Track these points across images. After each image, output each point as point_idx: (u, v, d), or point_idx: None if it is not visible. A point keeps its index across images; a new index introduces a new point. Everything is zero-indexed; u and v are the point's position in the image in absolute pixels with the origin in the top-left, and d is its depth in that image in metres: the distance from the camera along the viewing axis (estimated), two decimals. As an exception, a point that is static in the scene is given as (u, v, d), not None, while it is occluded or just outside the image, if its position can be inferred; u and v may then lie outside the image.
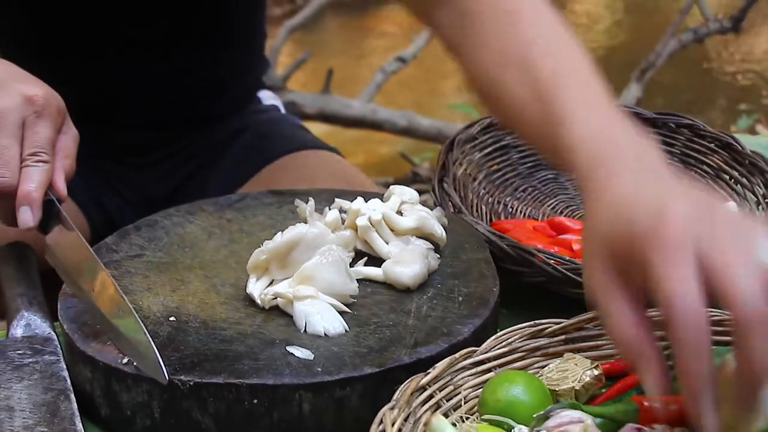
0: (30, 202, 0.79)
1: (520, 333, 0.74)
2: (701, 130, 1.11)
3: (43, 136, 0.80)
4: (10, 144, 0.79)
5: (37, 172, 0.79)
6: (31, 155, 0.80)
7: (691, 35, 3.45)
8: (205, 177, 1.23)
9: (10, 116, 0.79)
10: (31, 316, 0.81)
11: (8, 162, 0.78)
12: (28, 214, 0.79)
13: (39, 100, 0.81)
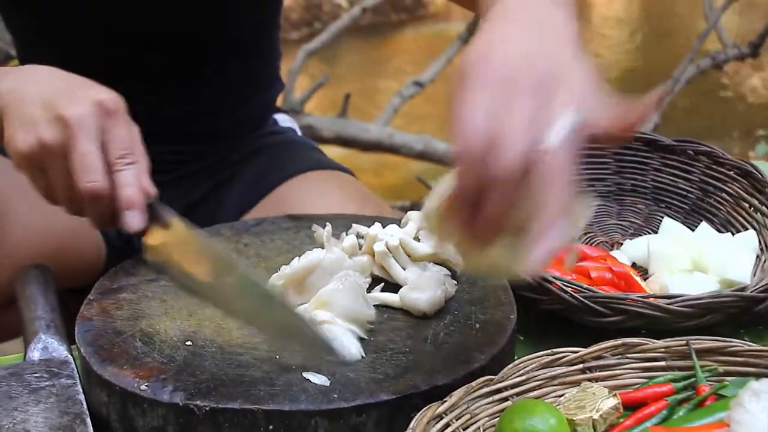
0: (133, 205, 0.80)
1: (537, 361, 0.74)
2: (720, 157, 1.11)
3: (125, 138, 0.81)
4: (93, 149, 0.79)
5: (131, 175, 0.80)
6: (120, 158, 0.80)
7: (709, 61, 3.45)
8: (220, 196, 1.24)
9: (87, 122, 0.79)
10: (48, 339, 0.81)
11: (95, 167, 0.79)
12: (135, 219, 0.80)
13: (110, 103, 0.81)
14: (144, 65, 1.16)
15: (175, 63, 1.17)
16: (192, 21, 1.14)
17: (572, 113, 0.62)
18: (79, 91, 0.82)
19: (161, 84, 1.18)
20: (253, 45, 1.24)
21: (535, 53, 0.65)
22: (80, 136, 0.79)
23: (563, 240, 0.61)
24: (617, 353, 0.77)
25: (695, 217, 1.11)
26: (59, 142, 0.79)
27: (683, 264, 0.98)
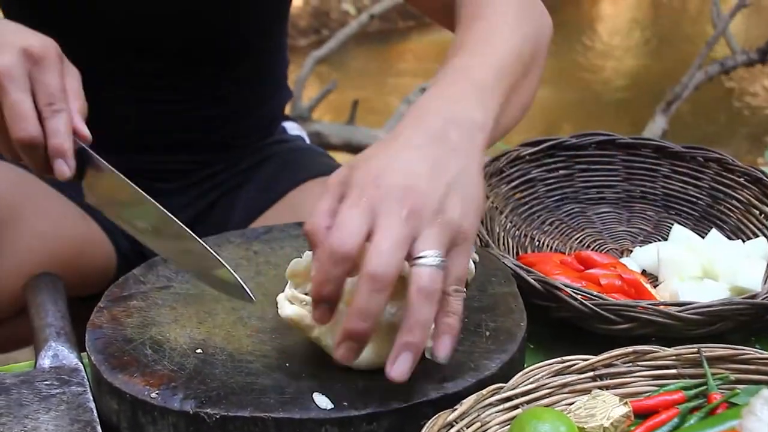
0: (62, 154, 0.81)
1: (547, 369, 0.74)
2: (730, 164, 1.11)
3: (53, 85, 0.82)
4: (23, 98, 0.80)
5: (59, 122, 0.81)
6: (47, 105, 0.81)
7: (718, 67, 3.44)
8: (230, 203, 1.24)
9: (13, 71, 0.80)
10: (58, 346, 0.82)
11: (25, 115, 0.80)
12: (64, 166, 0.81)
13: (36, 49, 0.82)
14: (151, 73, 1.16)
15: (183, 71, 1.17)
16: (199, 29, 1.15)
17: (437, 255, 0.66)
18: (8, 38, 0.82)
19: (168, 93, 1.18)
20: (261, 53, 1.24)
21: (422, 183, 0.68)
22: (8, 86, 0.80)
23: (413, 360, 0.66)
24: (628, 361, 0.77)
25: (705, 224, 1.10)
26: None
27: (693, 271, 0.98)
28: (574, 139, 1.15)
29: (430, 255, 0.66)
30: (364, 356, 0.71)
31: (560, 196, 1.14)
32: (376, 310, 0.65)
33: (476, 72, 0.78)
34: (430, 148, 0.71)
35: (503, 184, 1.10)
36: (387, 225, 0.66)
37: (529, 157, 1.12)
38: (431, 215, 0.67)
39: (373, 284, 0.65)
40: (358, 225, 0.66)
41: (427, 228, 0.67)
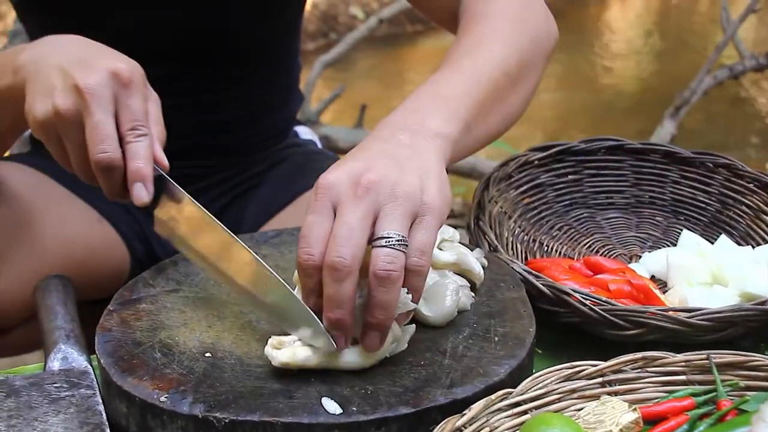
0: (142, 179, 0.80)
1: (556, 375, 0.74)
2: (739, 170, 1.10)
3: (138, 109, 0.82)
4: (106, 119, 0.79)
5: (141, 147, 0.81)
6: (131, 130, 0.81)
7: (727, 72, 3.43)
8: (243, 205, 1.25)
9: (99, 92, 0.80)
10: (68, 349, 0.82)
11: (107, 137, 0.79)
12: (143, 191, 0.81)
13: (125, 72, 0.82)
14: (165, 79, 1.16)
15: (196, 77, 1.18)
16: (212, 36, 1.15)
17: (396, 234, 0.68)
18: (97, 60, 0.82)
19: (182, 99, 1.18)
20: (274, 59, 1.25)
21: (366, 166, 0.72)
22: (93, 106, 0.79)
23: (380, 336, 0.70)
24: (637, 367, 0.77)
25: (714, 229, 1.10)
26: (73, 111, 0.80)
27: (703, 277, 0.98)
28: (583, 144, 1.15)
29: (388, 235, 0.68)
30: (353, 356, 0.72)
31: (569, 201, 1.14)
32: (343, 297, 0.68)
33: (447, 86, 0.82)
34: (378, 146, 0.75)
35: (512, 189, 1.09)
36: (343, 211, 0.69)
37: (538, 162, 1.12)
38: (389, 187, 0.70)
39: (333, 274, 0.67)
40: (318, 228, 0.69)
41: (387, 203, 0.69)
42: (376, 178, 0.70)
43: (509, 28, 0.91)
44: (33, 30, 1.21)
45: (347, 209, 0.69)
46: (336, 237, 0.68)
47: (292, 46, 1.27)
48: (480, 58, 0.86)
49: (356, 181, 0.70)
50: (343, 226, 0.68)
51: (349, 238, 0.67)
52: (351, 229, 0.68)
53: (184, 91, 1.18)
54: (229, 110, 1.22)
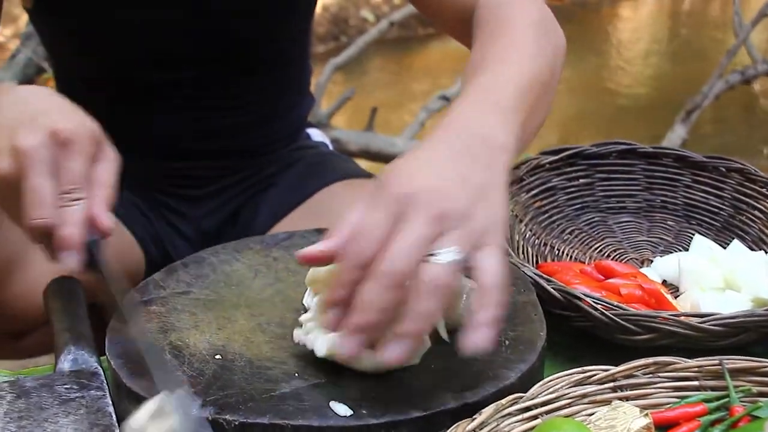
0: (70, 246, 0.76)
1: (567, 379, 0.73)
2: (752, 174, 1.10)
3: (75, 171, 0.77)
4: (42, 183, 0.75)
5: (73, 212, 0.76)
6: (65, 194, 0.76)
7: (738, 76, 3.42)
8: (256, 206, 1.25)
9: (36, 154, 0.75)
10: (78, 350, 0.82)
11: (42, 202, 0.75)
12: (71, 258, 0.76)
13: (66, 133, 0.76)
14: (177, 82, 1.17)
15: (209, 80, 1.18)
16: (226, 37, 1.15)
17: (456, 251, 0.66)
18: (44, 119, 0.77)
19: (195, 101, 1.19)
20: (286, 62, 1.25)
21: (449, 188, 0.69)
22: (30, 169, 0.75)
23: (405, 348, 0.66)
24: (649, 372, 0.76)
25: (727, 234, 1.10)
26: (12, 173, 0.76)
27: (715, 282, 0.97)
28: (594, 147, 1.14)
29: (443, 252, 0.66)
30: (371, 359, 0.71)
31: (580, 204, 1.14)
32: (380, 305, 0.65)
33: (499, 93, 0.80)
34: (457, 162, 0.72)
35: (523, 192, 1.09)
36: (409, 226, 0.67)
37: (549, 166, 1.12)
38: (458, 220, 0.68)
39: (380, 280, 0.65)
40: (379, 230, 0.67)
41: (454, 230, 0.67)
42: (450, 208, 0.68)
43: (536, 34, 0.90)
44: (42, 30, 1.22)
45: (416, 228, 0.67)
46: (395, 246, 0.66)
47: (302, 49, 1.28)
48: (519, 66, 0.84)
49: (432, 204, 0.68)
50: (406, 240, 0.66)
51: (407, 253, 0.66)
52: (413, 245, 0.66)
53: (195, 94, 1.18)
54: (241, 113, 1.22)
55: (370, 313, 0.66)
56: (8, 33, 4.91)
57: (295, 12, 1.21)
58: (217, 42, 1.15)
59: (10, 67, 3.28)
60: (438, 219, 0.67)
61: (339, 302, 0.68)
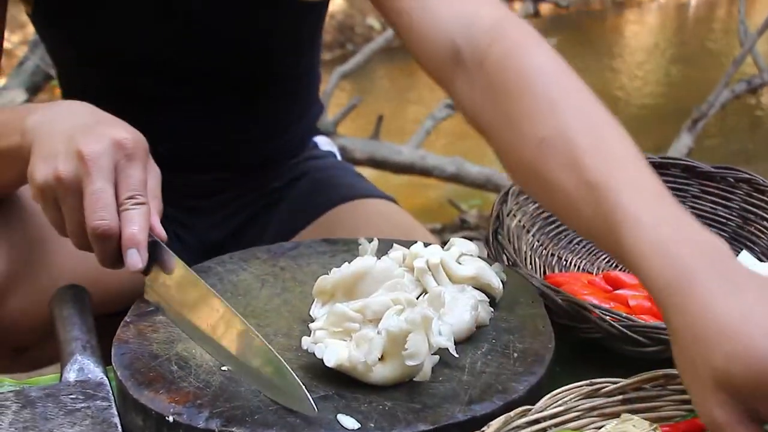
0: (136, 245, 0.80)
1: (576, 392, 0.73)
2: (761, 184, 1.09)
3: (138, 179, 0.82)
4: (106, 187, 0.80)
5: (137, 215, 0.81)
6: (129, 198, 0.81)
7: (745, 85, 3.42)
8: (263, 222, 1.24)
9: (102, 160, 0.80)
10: (84, 360, 0.81)
11: (106, 205, 0.79)
12: (136, 257, 0.80)
13: (128, 143, 0.82)
14: (182, 93, 1.16)
15: (217, 92, 1.18)
16: (235, 51, 1.15)
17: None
18: (102, 128, 0.82)
19: (203, 113, 1.19)
20: (295, 73, 1.24)
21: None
22: (94, 174, 0.79)
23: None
24: (658, 384, 0.75)
25: (735, 245, 1.09)
26: (73, 177, 0.80)
27: (724, 293, 0.96)
28: (602, 158, 1.14)
29: None
30: (381, 372, 0.71)
31: (588, 215, 1.13)
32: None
33: (653, 184, 0.70)
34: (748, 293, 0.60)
35: (530, 202, 1.09)
36: None
37: (556, 176, 1.11)
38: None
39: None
40: None
41: None
42: None
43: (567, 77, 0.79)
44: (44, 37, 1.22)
45: None
46: None
47: (312, 60, 1.27)
48: (616, 137, 0.74)
49: None
50: None
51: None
52: None
53: (201, 106, 1.18)
54: (251, 125, 1.22)
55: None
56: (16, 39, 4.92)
57: (303, 24, 1.21)
58: (224, 54, 1.15)
59: (18, 74, 3.29)
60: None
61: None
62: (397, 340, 0.71)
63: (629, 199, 0.67)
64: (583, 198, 0.71)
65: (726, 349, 0.57)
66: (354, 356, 0.71)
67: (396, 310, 0.73)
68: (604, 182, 0.69)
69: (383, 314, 0.74)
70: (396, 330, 0.70)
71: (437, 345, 0.73)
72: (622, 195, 0.68)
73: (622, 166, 0.71)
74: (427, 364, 0.72)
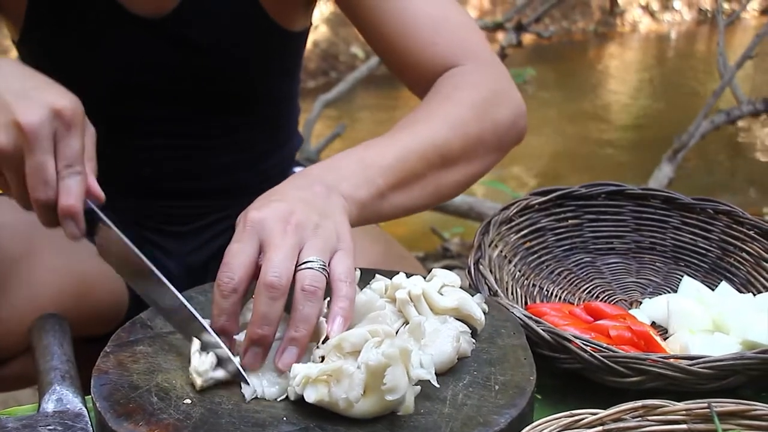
0: (73, 215, 0.82)
1: (556, 423, 0.73)
2: (740, 216, 1.10)
3: (75, 149, 0.82)
4: (46, 159, 0.81)
5: (74, 184, 0.82)
6: (67, 167, 0.82)
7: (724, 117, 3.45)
8: None
9: (41, 131, 0.80)
10: (63, 390, 0.81)
11: (48, 179, 0.81)
12: (74, 228, 0.83)
13: (67, 111, 0.82)
14: (166, 120, 1.17)
15: (197, 119, 1.18)
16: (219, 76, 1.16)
17: (318, 259, 0.78)
18: (38, 94, 0.82)
19: (183, 139, 1.19)
20: (275, 101, 1.25)
21: (296, 207, 0.80)
22: (34, 146, 0.80)
23: (298, 354, 0.76)
24: (637, 415, 0.76)
25: (715, 276, 1.10)
26: (13, 149, 0.81)
27: (704, 324, 0.97)
28: (583, 188, 1.15)
29: (312, 260, 0.77)
30: (362, 407, 0.71)
31: (569, 245, 1.14)
32: (274, 316, 0.75)
33: (374, 153, 0.91)
34: (300, 192, 0.84)
35: (512, 233, 1.09)
36: (275, 242, 0.77)
37: (538, 206, 1.12)
38: (312, 228, 0.79)
39: (269, 292, 0.75)
40: (244, 255, 0.77)
41: (310, 239, 0.78)
42: (302, 219, 0.79)
43: (464, 114, 0.98)
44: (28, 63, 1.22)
45: (279, 240, 0.77)
46: (271, 260, 0.76)
47: (291, 91, 1.28)
48: (419, 136, 0.95)
49: (285, 219, 0.79)
50: (277, 251, 0.76)
51: (283, 261, 0.76)
52: (285, 255, 0.76)
53: (178, 133, 1.18)
54: (230, 152, 1.22)
55: (267, 324, 0.75)
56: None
57: (283, 56, 1.21)
58: (202, 83, 1.15)
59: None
60: (294, 229, 0.78)
61: (225, 330, 0.78)
62: (377, 374, 0.70)
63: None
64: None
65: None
66: (334, 392, 0.71)
67: (374, 342, 0.73)
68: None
69: (361, 347, 0.74)
70: (375, 363, 0.70)
71: (417, 377, 0.73)
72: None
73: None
74: (409, 396, 0.72)
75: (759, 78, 5.93)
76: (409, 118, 0.98)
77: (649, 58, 8.26)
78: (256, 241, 0.78)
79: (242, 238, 0.78)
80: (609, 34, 8.60)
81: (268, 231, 0.78)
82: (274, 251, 0.76)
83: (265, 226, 0.78)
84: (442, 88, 1.03)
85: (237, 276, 0.77)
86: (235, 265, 0.77)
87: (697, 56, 7.95)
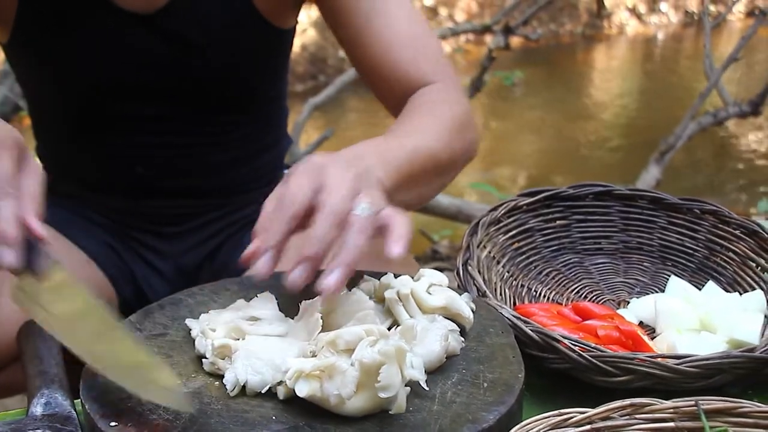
0: (4, 240, 0.75)
1: (544, 422, 0.73)
2: (726, 216, 1.11)
3: (5, 173, 0.77)
4: None
5: (4, 209, 0.75)
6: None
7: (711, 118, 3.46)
8: (234, 247, 1.24)
9: None
10: (51, 394, 0.81)
11: None
12: (6, 254, 0.75)
13: None
14: (156, 120, 1.17)
15: (187, 119, 1.18)
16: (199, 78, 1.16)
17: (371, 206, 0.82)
18: None
19: (173, 139, 1.19)
20: (263, 102, 1.26)
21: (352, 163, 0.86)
22: None
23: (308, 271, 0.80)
24: (625, 414, 0.76)
25: (702, 275, 1.11)
26: None
27: (691, 323, 0.98)
28: (571, 189, 1.15)
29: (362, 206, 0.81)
30: (354, 404, 0.71)
31: (557, 246, 1.15)
32: (326, 238, 0.79)
33: (389, 153, 0.94)
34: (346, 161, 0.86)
35: (500, 234, 1.10)
36: (337, 181, 0.81)
37: (526, 207, 1.13)
38: (367, 181, 0.84)
39: (332, 218, 0.79)
40: (306, 188, 0.81)
41: (366, 189, 0.83)
42: (361, 172, 0.84)
43: (449, 130, 1.05)
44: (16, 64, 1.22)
45: (344, 181, 0.82)
46: (337, 192, 0.80)
47: (278, 92, 1.28)
48: (421, 144, 0.99)
49: (348, 167, 0.84)
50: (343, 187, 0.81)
51: (347, 196, 0.81)
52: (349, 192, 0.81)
53: (170, 131, 1.18)
54: (216, 153, 1.23)
55: (320, 244, 0.78)
56: (-16, 71, 4.89)
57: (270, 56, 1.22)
58: (191, 82, 1.16)
59: (-14, 105, 3.26)
60: (355, 178, 0.82)
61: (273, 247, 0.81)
62: (370, 372, 0.71)
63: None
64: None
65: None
66: (326, 388, 0.71)
67: (369, 341, 0.74)
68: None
69: (355, 345, 0.74)
70: (369, 361, 0.71)
71: (410, 377, 0.73)
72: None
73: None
74: (401, 395, 0.72)
75: (745, 80, 5.96)
76: (405, 127, 1.04)
77: (637, 60, 8.30)
78: (317, 183, 0.81)
79: (307, 177, 0.82)
80: (596, 37, 8.64)
81: (330, 175, 0.82)
82: (337, 187, 0.81)
83: (328, 172, 0.82)
84: (424, 102, 1.09)
85: (301, 204, 0.80)
86: (300, 195, 0.81)
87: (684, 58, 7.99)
